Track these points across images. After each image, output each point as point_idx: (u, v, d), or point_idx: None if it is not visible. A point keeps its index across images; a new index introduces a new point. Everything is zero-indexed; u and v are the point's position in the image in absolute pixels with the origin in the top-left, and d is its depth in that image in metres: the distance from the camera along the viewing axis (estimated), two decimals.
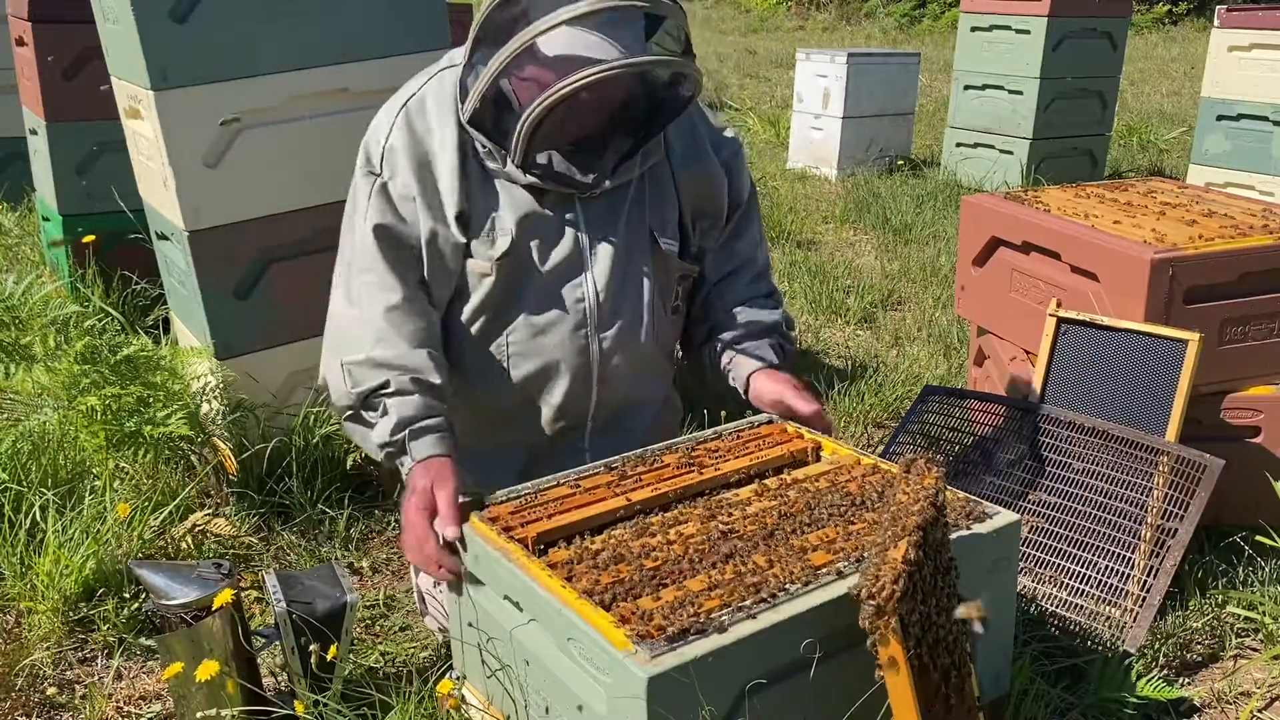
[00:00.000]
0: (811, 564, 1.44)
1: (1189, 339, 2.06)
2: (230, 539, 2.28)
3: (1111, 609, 1.92)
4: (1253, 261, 2.22)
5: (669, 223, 1.91)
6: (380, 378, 1.71)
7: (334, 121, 2.42)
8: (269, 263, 2.44)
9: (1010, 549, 1.60)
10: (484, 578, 1.53)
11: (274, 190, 2.41)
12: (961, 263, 2.72)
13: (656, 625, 1.28)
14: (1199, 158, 4.93)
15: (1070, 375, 2.23)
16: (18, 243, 4.29)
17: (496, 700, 1.54)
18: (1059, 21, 5.69)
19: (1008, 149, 5.98)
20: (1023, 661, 1.75)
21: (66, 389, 2.27)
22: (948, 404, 2.35)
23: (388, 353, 1.72)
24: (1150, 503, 1.97)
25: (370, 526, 2.40)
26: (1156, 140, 7.69)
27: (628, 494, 1.63)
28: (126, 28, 2.24)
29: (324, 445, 2.45)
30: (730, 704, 1.29)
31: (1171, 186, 2.82)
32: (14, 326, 2.40)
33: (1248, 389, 2.27)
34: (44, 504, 2.16)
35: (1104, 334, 2.17)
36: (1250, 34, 4.65)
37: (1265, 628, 2.03)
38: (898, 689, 1.28)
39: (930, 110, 8.54)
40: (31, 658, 1.91)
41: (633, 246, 1.87)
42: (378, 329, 1.74)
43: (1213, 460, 1.93)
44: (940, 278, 4.37)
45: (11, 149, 4.59)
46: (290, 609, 1.61)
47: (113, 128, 2.77)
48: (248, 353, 2.45)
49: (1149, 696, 1.78)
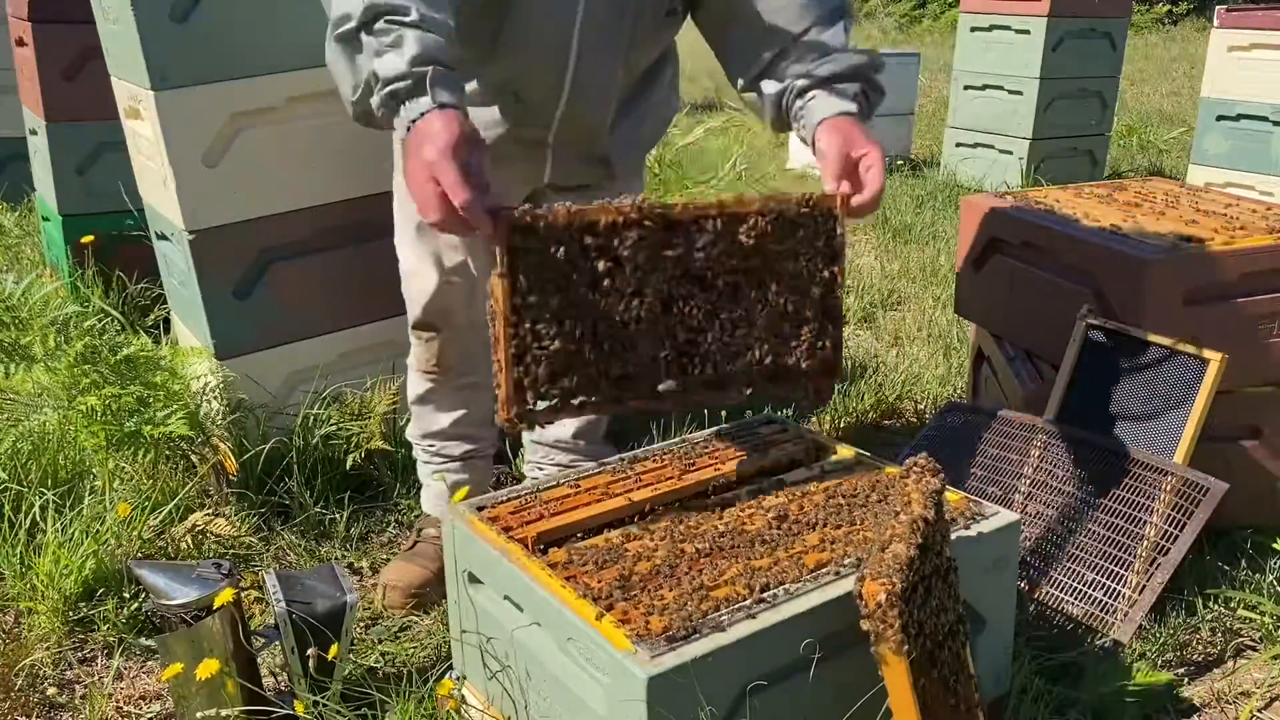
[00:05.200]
0: (811, 564, 1.44)
1: (1211, 358, 2.04)
2: (230, 539, 2.28)
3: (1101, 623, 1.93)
4: (1253, 261, 2.22)
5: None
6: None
7: (334, 121, 2.41)
8: (269, 263, 2.44)
9: (1010, 549, 1.61)
10: (484, 578, 1.53)
11: (274, 190, 2.41)
12: (961, 263, 2.72)
13: (656, 625, 1.29)
14: (1199, 158, 4.93)
15: (1087, 379, 2.22)
16: (18, 243, 4.29)
17: (496, 701, 1.54)
18: (1059, 21, 5.69)
19: (1007, 149, 5.97)
20: (1022, 661, 1.75)
21: (66, 389, 2.27)
22: (968, 418, 2.34)
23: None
24: (1152, 521, 1.97)
25: (370, 526, 2.40)
26: (1156, 140, 7.69)
27: (628, 494, 1.63)
28: (126, 28, 2.24)
29: (324, 445, 2.45)
30: (730, 704, 1.29)
31: (1171, 186, 2.82)
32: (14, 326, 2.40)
33: (1248, 389, 2.27)
34: (44, 504, 2.16)
35: (1126, 342, 2.16)
36: (1250, 34, 4.65)
37: (1265, 628, 2.03)
38: (898, 689, 1.28)
39: (930, 110, 8.54)
40: (31, 658, 1.91)
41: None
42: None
43: (1215, 483, 1.93)
44: (940, 278, 4.37)
45: (11, 149, 4.59)
46: (290, 609, 1.61)
47: (113, 128, 2.77)
48: (248, 353, 2.45)
49: (1145, 684, 1.78)
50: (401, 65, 1.38)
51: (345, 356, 2.56)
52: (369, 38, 1.41)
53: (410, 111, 1.39)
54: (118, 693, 1.89)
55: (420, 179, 1.35)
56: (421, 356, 2.10)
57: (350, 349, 2.57)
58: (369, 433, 2.45)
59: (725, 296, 1.55)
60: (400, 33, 1.40)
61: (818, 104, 1.66)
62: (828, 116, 1.63)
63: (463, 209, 1.33)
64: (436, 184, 1.34)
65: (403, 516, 2.43)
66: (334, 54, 1.48)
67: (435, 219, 1.37)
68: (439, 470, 2.18)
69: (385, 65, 1.39)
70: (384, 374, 2.50)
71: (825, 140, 1.61)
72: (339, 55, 1.47)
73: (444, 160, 1.33)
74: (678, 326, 1.53)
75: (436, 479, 2.18)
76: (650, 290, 1.49)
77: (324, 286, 2.51)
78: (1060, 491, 2.10)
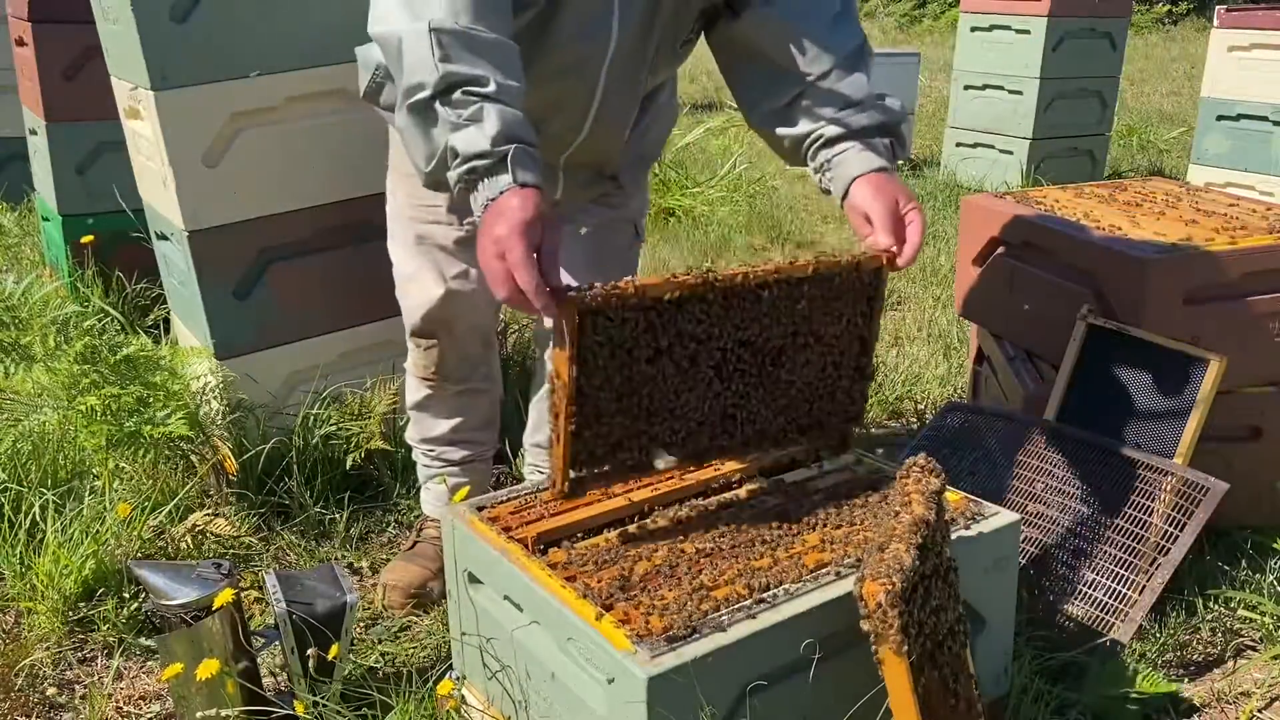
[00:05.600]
0: (811, 564, 1.44)
1: (1211, 360, 2.04)
2: (230, 539, 2.28)
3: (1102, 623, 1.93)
4: (1253, 261, 2.21)
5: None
6: (478, 69, 1.38)
7: (333, 121, 2.42)
8: (269, 263, 2.44)
9: (1010, 549, 1.61)
10: (484, 578, 1.53)
11: (274, 190, 2.41)
12: (961, 263, 2.72)
13: (657, 625, 1.29)
14: (1199, 158, 4.93)
15: (1087, 379, 2.22)
16: (18, 243, 4.29)
17: (496, 701, 1.54)
18: (1059, 21, 5.69)
19: (1008, 149, 5.97)
20: (1022, 661, 1.75)
21: (66, 389, 2.27)
22: (968, 418, 2.34)
23: (487, 35, 1.40)
24: (1152, 521, 1.97)
25: (370, 526, 2.40)
26: (1156, 140, 7.69)
27: (628, 494, 1.63)
28: (126, 28, 2.24)
29: (324, 445, 2.45)
30: (730, 704, 1.29)
31: (1171, 186, 2.82)
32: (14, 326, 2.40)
33: (1248, 389, 2.27)
34: (44, 504, 2.16)
35: (1126, 342, 2.16)
36: (1250, 34, 4.65)
37: (1265, 628, 2.03)
38: (898, 689, 1.28)
39: (930, 110, 8.54)
40: (31, 658, 1.91)
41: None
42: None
43: (1215, 483, 1.93)
44: (940, 278, 4.37)
45: (11, 149, 4.59)
46: (290, 609, 1.61)
47: (113, 128, 2.77)
48: (248, 353, 2.45)
49: (1146, 691, 1.78)
50: (483, 143, 1.35)
51: (345, 356, 2.56)
52: (445, 109, 1.37)
53: (489, 189, 1.36)
54: (118, 693, 1.88)
55: (490, 254, 1.33)
56: (420, 363, 2.09)
57: (350, 349, 2.57)
58: (369, 433, 2.45)
59: (770, 359, 1.58)
60: (480, 105, 1.36)
61: (850, 158, 1.65)
62: (863, 173, 1.63)
63: (526, 289, 1.31)
64: (504, 261, 1.32)
65: (403, 516, 2.43)
66: (405, 121, 1.42)
67: (502, 296, 1.34)
68: (439, 473, 2.18)
69: (465, 141, 1.36)
70: (384, 374, 2.50)
71: (867, 198, 1.60)
72: (411, 124, 1.41)
73: (515, 238, 1.31)
74: (727, 391, 1.56)
75: (437, 482, 2.18)
76: (705, 358, 1.51)
77: (324, 286, 2.51)
78: (1060, 492, 2.10)
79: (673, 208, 5.34)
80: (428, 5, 1.39)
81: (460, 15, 1.39)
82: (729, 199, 5.50)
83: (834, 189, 1.67)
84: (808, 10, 1.67)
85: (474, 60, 1.38)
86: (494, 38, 1.41)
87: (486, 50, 1.39)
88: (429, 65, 1.37)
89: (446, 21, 1.38)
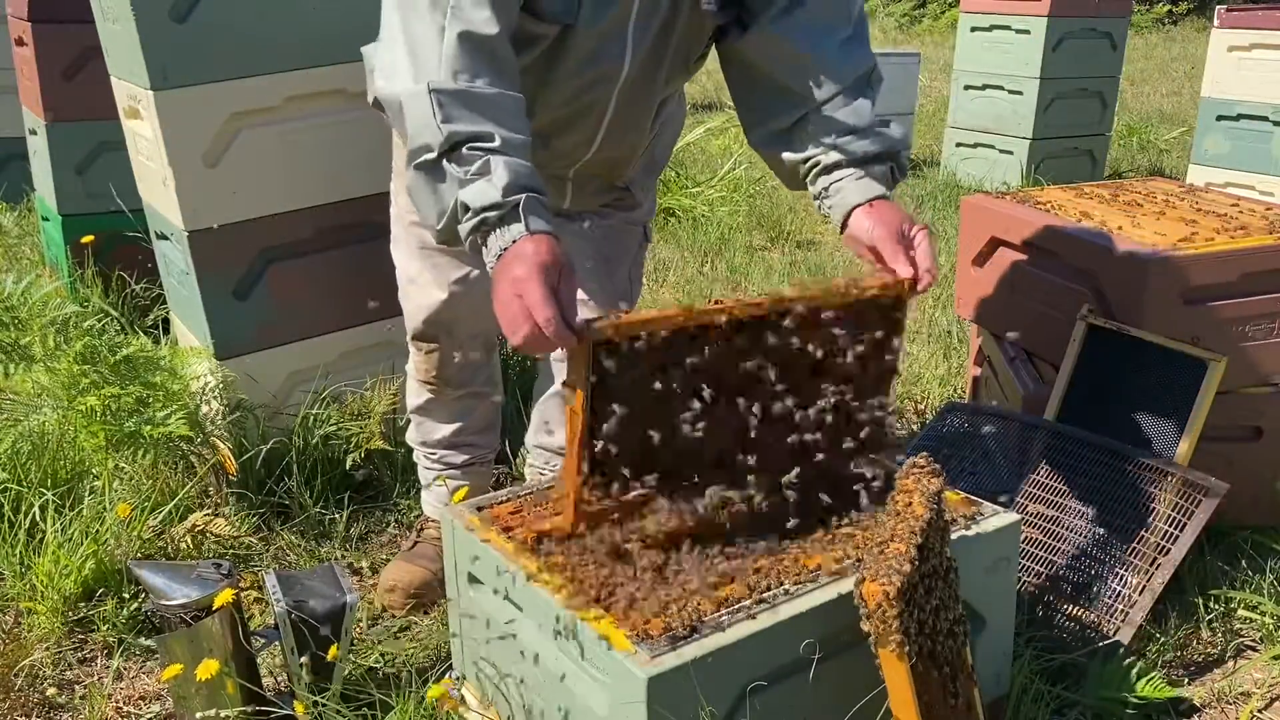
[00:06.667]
0: (811, 564, 1.44)
1: (1212, 361, 2.04)
2: (230, 539, 2.28)
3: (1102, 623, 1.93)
4: (1253, 261, 2.21)
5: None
6: (481, 125, 1.40)
7: (333, 121, 2.42)
8: (269, 263, 2.44)
9: (1010, 549, 1.61)
10: (484, 578, 1.53)
11: (274, 190, 2.41)
12: (961, 263, 2.72)
13: (657, 625, 1.29)
14: (1199, 158, 4.93)
15: (1087, 379, 2.22)
16: (18, 243, 4.29)
17: (496, 701, 1.54)
18: (1059, 21, 5.69)
19: (1008, 149, 5.98)
20: (1022, 661, 1.75)
21: (66, 389, 2.27)
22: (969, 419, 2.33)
23: (487, 91, 1.42)
24: (1153, 521, 1.97)
25: (370, 526, 2.40)
26: (1156, 140, 7.69)
27: None
28: (126, 27, 2.24)
29: (324, 445, 2.45)
30: (730, 704, 1.29)
31: (1171, 186, 2.82)
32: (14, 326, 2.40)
33: (1248, 389, 2.27)
34: (44, 504, 2.16)
35: (1126, 342, 2.16)
36: (1250, 34, 4.65)
37: (1265, 628, 2.03)
38: (898, 689, 1.28)
39: (930, 110, 8.54)
40: (31, 658, 1.91)
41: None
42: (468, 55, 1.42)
43: (1215, 483, 1.93)
44: (940, 278, 4.37)
45: (11, 149, 4.59)
46: (290, 609, 1.61)
47: (113, 128, 2.76)
48: (248, 353, 2.45)
49: (1148, 696, 1.78)
50: (494, 195, 1.36)
51: (345, 356, 2.56)
52: (451, 165, 1.39)
53: (502, 239, 1.37)
54: (117, 693, 1.88)
55: (506, 297, 1.33)
56: (421, 367, 2.09)
57: (350, 349, 2.57)
58: (369, 433, 2.45)
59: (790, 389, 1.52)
60: (486, 159, 1.37)
61: (848, 186, 1.63)
62: (862, 202, 1.61)
63: (545, 326, 1.30)
64: (521, 300, 1.32)
65: (403, 516, 2.43)
66: (414, 180, 1.44)
67: (519, 338, 1.33)
68: (440, 476, 2.19)
69: (475, 195, 1.37)
70: (384, 374, 2.50)
71: (867, 229, 1.59)
72: (420, 182, 1.43)
73: (531, 279, 1.31)
74: (740, 425, 1.51)
75: (438, 484, 2.18)
76: (723, 389, 1.47)
77: (324, 286, 2.51)
78: (1060, 492, 2.10)
79: (673, 208, 5.34)
80: (427, 65, 1.41)
81: (459, 74, 1.41)
82: (729, 199, 5.50)
83: (833, 217, 1.66)
84: (817, 33, 1.64)
85: (475, 118, 1.39)
86: (494, 92, 1.42)
87: (487, 106, 1.41)
88: (432, 127, 1.38)
89: (446, 82, 1.40)
